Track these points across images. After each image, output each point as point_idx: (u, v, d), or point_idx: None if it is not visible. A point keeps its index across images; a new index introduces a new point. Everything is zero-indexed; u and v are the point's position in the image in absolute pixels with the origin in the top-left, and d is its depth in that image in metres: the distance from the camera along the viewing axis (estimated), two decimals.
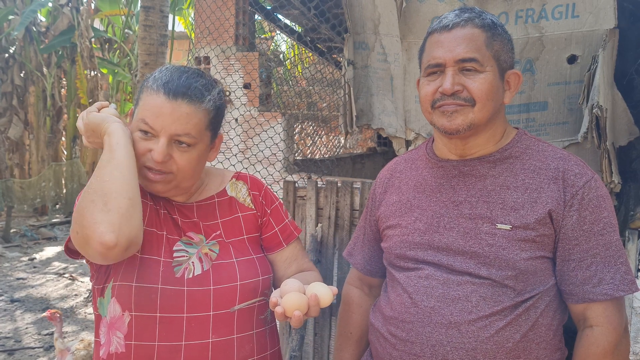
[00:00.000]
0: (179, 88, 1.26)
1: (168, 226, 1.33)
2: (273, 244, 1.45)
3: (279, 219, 1.47)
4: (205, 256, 1.32)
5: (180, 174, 1.29)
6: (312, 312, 1.20)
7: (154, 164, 1.26)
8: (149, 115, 1.25)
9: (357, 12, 3.10)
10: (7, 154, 10.37)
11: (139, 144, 1.27)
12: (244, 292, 1.31)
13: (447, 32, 1.29)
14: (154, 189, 1.30)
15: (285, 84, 6.43)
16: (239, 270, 1.32)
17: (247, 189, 1.46)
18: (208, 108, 1.30)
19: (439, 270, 1.30)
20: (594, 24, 2.46)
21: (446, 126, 1.30)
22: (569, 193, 1.26)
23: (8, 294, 5.66)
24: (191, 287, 1.27)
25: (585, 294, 1.25)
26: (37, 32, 10.28)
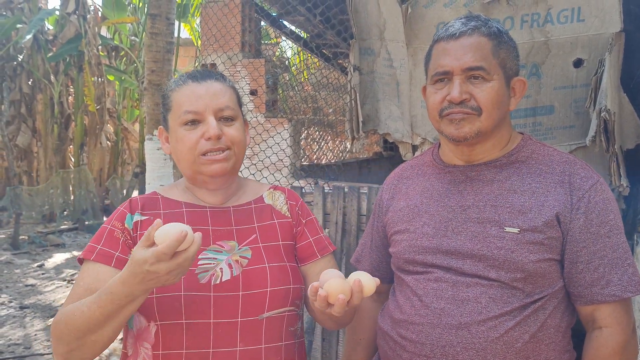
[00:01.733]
0: (202, 73, 1.36)
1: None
2: (307, 254, 1.44)
3: (314, 230, 1.47)
4: (235, 263, 1.31)
5: (236, 146, 1.33)
6: (355, 299, 1.15)
7: (210, 144, 1.29)
8: (188, 102, 1.31)
9: (362, 18, 3.11)
10: (16, 162, 10.45)
11: (187, 137, 1.30)
12: (273, 299, 1.29)
13: (454, 41, 1.30)
14: (216, 170, 1.30)
15: (291, 89, 6.45)
16: (270, 275, 1.31)
17: (285, 198, 1.48)
18: (232, 86, 1.40)
19: (448, 273, 1.31)
20: (600, 27, 2.46)
21: (454, 134, 1.31)
22: (576, 196, 1.27)
23: (17, 301, 5.70)
24: (218, 293, 1.26)
25: (594, 296, 1.26)
26: (45, 40, 10.37)
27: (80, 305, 1.16)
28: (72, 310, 1.17)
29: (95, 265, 1.27)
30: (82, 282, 1.26)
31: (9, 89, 10.15)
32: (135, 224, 1.32)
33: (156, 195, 1.41)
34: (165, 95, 1.38)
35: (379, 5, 2.98)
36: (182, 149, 1.32)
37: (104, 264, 1.27)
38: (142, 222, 1.33)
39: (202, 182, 1.36)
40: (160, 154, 3.29)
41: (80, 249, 8.21)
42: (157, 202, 1.38)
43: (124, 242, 1.30)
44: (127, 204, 1.37)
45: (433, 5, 2.76)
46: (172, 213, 1.36)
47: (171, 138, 1.37)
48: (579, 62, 2.54)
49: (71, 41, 9.94)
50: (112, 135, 11.38)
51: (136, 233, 1.32)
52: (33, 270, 7.01)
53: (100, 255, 1.28)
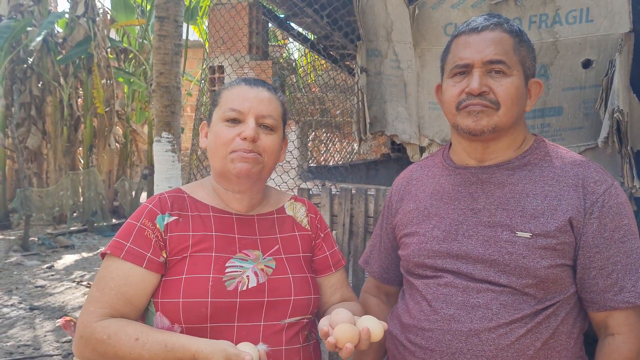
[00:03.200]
0: (256, 80, 1.41)
1: (220, 246, 1.33)
2: (323, 267, 1.48)
3: (330, 244, 1.51)
4: (261, 271, 1.33)
5: (267, 155, 1.35)
6: (362, 345, 1.20)
7: (244, 145, 1.31)
8: (235, 100, 1.35)
9: (369, 19, 3.11)
10: (26, 164, 10.53)
11: (224, 133, 1.33)
12: (296, 307, 1.33)
13: (476, 34, 1.30)
14: (241, 169, 1.32)
15: (298, 91, 6.45)
16: (294, 285, 1.35)
17: (305, 211, 1.51)
18: (281, 100, 1.43)
19: (458, 278, 1.30)
20: (609, 28, 2.44)
21: (471, 127, 1.29)
22: (589, 200, 1.25)
23: (27, 302, 5.73)
24: (244, 299, 1.28)
25: (607, 302, 1.24)
26: (55, 43, 10.44)
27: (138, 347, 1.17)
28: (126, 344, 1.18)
29: (125, 264, 1.27)
30: (113, 284, 1.26)
31: (19, 92, 10.23)
32: (166, 225, 1.32)
33: (183, 194, 1.41)
34: (217, 93, 1.42)
35: (386, 6, 2.98)
36: (217, 143, 1.34)
37: (135, 265, 1.26)
38: (170, 223, 1.33)
39: (228, 181, 1.37)
40: (169, 156, 3.30)
41: (90, 250, 8.25)
42: (185, 202, 1.39)
43: (155, 243, 1.30)
44: (157, 202, 1.36)
45: (440, 6, 2.75)
46: (199, 216, 1.36)
47: (210, 132, 1.39)
48: (587, 62, 2.52)
49: (80, 44, 10.00)
50: (121, 137, 11.43)
51: (167, 235, 1.31)
52: (43, 271, 7.05)
53: (130, 254, 1.27)
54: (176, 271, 1.29)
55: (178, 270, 1.28)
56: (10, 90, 10.14)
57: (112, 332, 1.20)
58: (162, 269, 1.30)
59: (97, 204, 9.89)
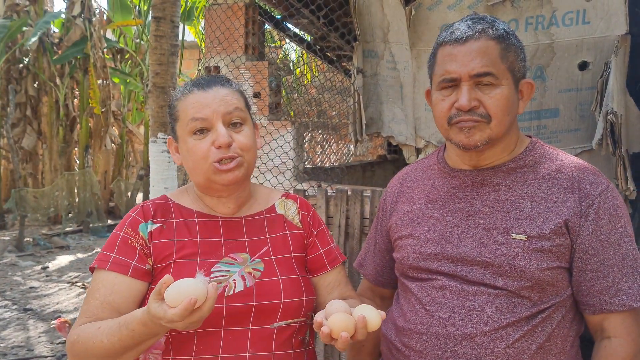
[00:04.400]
0: (207, 80, 1.34)
1: (205, 251, 1.31)
2: (317, 266, 1.44)
3: (325, 241, 1.47)
4: (248, 275, 1.30)
5: (247, 153, 1.31)
6: (359, 334, 1.15)
7: (221, 153, 1.27)
8: (195, 110, 1.29)
9: (366, 20, 3.10)
10: (21, 164, 10.49)
11: (197, 147, 1.28)
12: (286, 311, 1.30)
13: (460, 45, 1.25)
14: (228, 179, 1.29)
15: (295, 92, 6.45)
16: (284, 288, 1.31)
17: (297, 208, 1.47)
18: (239, 90, 1.38)
19: (453, 280, 1.29)
20: (605, 30, 2.44)
21: (464, 142, 1.28)
22: (585, 202, 1.24)
23: (21, 303, 5.70)
24: (231, 304, 1.25)
25: (603, 305, 1.24)
26: (50, 43, 10.42)
27: (99, 334, 1.16)
28: (90, 336, 1.18)
29: (110, 275, 1.26)
30: (98, 294, 1.25)
31: (14, 92, 10.19)
32: (150, 233, 1.31)
33: (167, 201, 1.39)
34: (172, 106, 1.37)
35: (382, 7, 2.97)
36: (195, 159, 1.30)
37: (120, 274, 1.26)
38: (154, 231, 1.32)
39: (215, 190, 1.34)
40: (165, 157, 3.29)
41: (85, 251, 8.23)
42: (169, 209, 1.37)
43: (140, 251, 1.29)
44: (140, 211, 1.35)
45: (437, 7, 2.74)
46: (184, 222, 1.34)
47: (181, 148, 1.35)
48: (584, 64, 2.52)
49: (77, 44, 9.98)
50: (117, 138, 11.40)
51: (151, 243, 1.30)
52: (37, 272, 7.02)
53: (115, 264, 1.27)
54: (160, 279, 1.26)
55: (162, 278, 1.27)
56: (6, 90, 10.11)
57: (81, 330, 1.20)
58: (148, 276, 1.29)
59: (92, 205, 9.87)
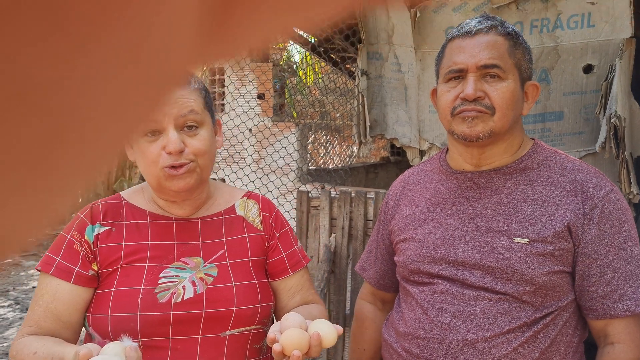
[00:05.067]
0: None
1: (155, 256, 1.25)
2: (278, 270, 1.37)
3: (288, 244, 1.40)
4: (199, 280, 1.24)
5: (200, 158, 1.23)
6: (313, 352, 1.10)
7: (172, 159, 1.20)
8: None
9: (370, 22, 3.10)
10: None
11: (148, 150, 1.20)
12: (239, 318, 1.23)
13: (469, 38, 1.27)
14: (179, 186, 1.22)
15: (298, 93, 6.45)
16: (237, 295, 1.25)
17: (258, 209, 1.39)
18: (198, 88, 1.28)
19: (454, 285, 1.28)
20: (610, 33, 2.44)
21: (466, 133, 1.27)
22: (588, 206, 1.23)
23: (24, 303, 5.72)
24: (178, 312, 1.19)
25: (606, 310, 1.22)
26: None
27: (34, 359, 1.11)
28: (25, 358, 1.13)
29: (54, 280, 1.21)
30: (42, 301, 1.21)
31: None
32: (96, 237, 1.25)
33: (120, 201, 1.32)
34: None
35: (387, 9, 2.97)
36: (145, 162, 1.22)
37: (63, 280, 1.21)
38: (101, 234, 1.25)
39: (167, 194, 1.27)
40: None
41: None
42: (121, 210, 1.30)
43: (84, 256, 1.23)
44: (89, 212, 1.28)
45: (442, 10, 2.75)
46: (135, 224, 1.28)
47: (133, 146, 1.26)
48: (589, 68, 2.52)
49: None
50: None
51: (97, 247, 1.24)
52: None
53: (58, 269, 1.22)
54: (107, 284, 1.22)
55: (109, 283, 1.22)
56: None
57: (20, 348, 1.15)
58: (92, 282, 1.23)
59: None
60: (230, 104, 3.55)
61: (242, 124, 3.53)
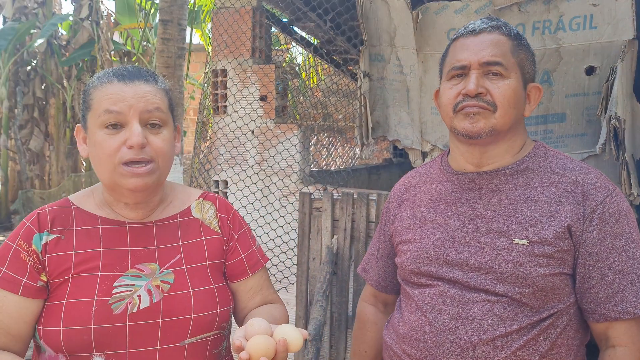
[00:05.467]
0: (131, 72, 1.20)
1: (108, 263, 1.19)
2: (237, 272, 1.33)
3: (246, 245, 1.36)
4: (155, 288, 1.18)
5: (161, 159, 1.19)
6: (280, 358, 1.07)
7: (133, 154, 1.14)
8: (110, 101, 1.15)
9: (373, 24, 3.11)
10: (28, 165, 10.55)
11: (107, 143, 1.14)
12: (198, 326, 1.19)
13: (473, 37, 1.30)
14: (136, 184, 1.16)
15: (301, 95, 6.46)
16: (195, 301, 1.20)
17: (215, 211, 1.35)
18: (164, 88, 1.24)
19: (454, 287, 1.27)
20: (613, 34, 2.44)
21: (468, 129, 1.27)
22: (589, 207, 1.23)
23: None
24: (135, 322, 1.14)
25: (607, 313, 1.21)
26: (58, 45, 10.49)
27: None
28: None
29: (0, 292, 1.14)
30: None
31: (22, 94, 10.27)
32: (44, 245, 1.18)
33: (69, 206, 1.25)
34: (86, 92, 1.21)
35: (389, 11, 2.98)
36: (101, 156, 1.16)
37: (9, 292, 1.14)
38: (50, 243, 1.19)
39: (120, 194, 1.22)
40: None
41: None
42: (70, 215, 1.23)
43: (31, 267, 1.16)
44: (35, 219, 1.21)
45: (444, 11, 2.75)
46: (86, 230, 1.21)
47: (89, 140, 1.20)
48: (591, 69, 2.52)
49: (84, 46, 10.04)
50: None
51: (45, 257, 1.17)
52: None
53: (4, 280, 1.15)
54: (57, 295, 1.15)
55: (59, 294, 1.15)
56: (14, 92, 10.19)
57: None
58: (42, 294, 1.16)
59: None
60: (233, 105, 3.56)
61: (245, 125, 3.54)
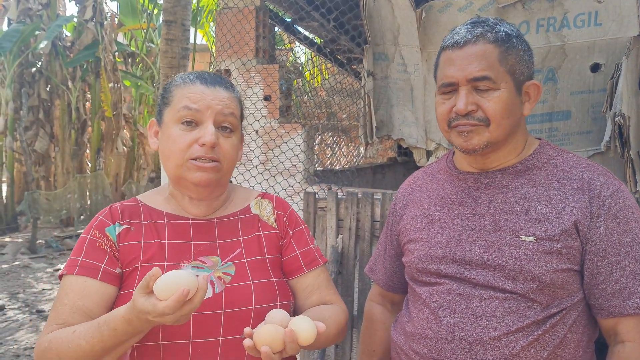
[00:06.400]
0: (213, 78, 1.29)
1: (173, 255, 1.26)
2: (293, 268, 1.37)
3: (303, 242, 1.40)
4: (217, 279, 1.22)
5: (226, 162, 1.27)
6: (289, 349, 1.08)
7: (203, 151, 1.22)
8: (191, 100, 1.24)
9: (376, 23, 3.10)
10: (34, 167, 10.60)
11: (182, 138, 1.23)
12: (259, 317, 1.21)
13: (458, 50, 1.26)
14: (199, 178, 1.23)
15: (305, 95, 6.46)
16: (255, 293, 1.24)
17: (272, 208, 1.41)
18: (239, 97, 1.33)
19: (461, 284, 1.28)
20: (618, 31, 2.43)
21: (463, 146, 1.29)
22: (595, 204, 1.23)
23: (34, 305, 5.75)
24: (198, 312, 1.17)
25: (615, 308, 1.21)
26: (63, 46, 10.54)
27: (76, 338, 1.09)
28: (65, 341, 1.11)
29: (79, 279, 1.19)
30: (67, 300, 1.19)
31: (27, 95, 10.31)
32: (117, 235, 1.25)
33: (137, 203, 1.34)
34: (167, 89, 1.30)
35: (393, 10, 2.97)
36: (173, 149, 1.24)
37: (90, 277, 1.20)
38: (122, 233, 1.26)
39: (184, 187, 1.29)
40: None
41: None
42: (138, 211, 1.31)
43: (110, 254, 1.23)
44: (108, 213, 1.30)
45: (447, 10, 2.74)
46: (153, 224, 1.29)
47: (162, 134, 1.29)
48: (596, 66, 2.51)
49: (88, 47, 10.08)
50: (128, 141, 11.49)
51: (120, 245, 1.25)
52: (49, 274, 7.08)
53: (83, 267, 1.20)
54: (128, 285, 1.22)
55: (130, 283, 1.21)
56: (19, 93, 10.23)
57: (52, 336, 1.13)
58: (117, 281, 1.23)
59: (104, 207, 9.94)
60: None
61: (249, 125, 3.54)
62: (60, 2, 11.17)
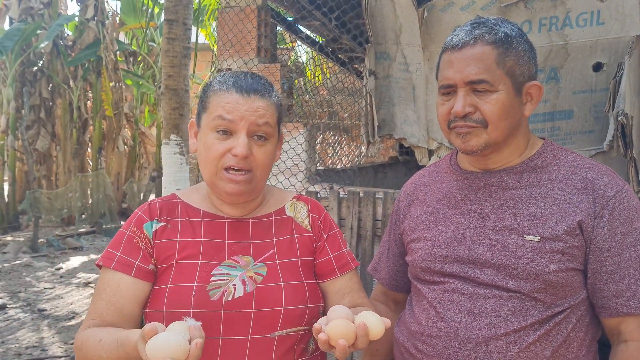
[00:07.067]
0: (249, 85, 1.29)
1: (208, 253, 1.29)
2: (326, 271, 1.38)
3: (336, 246, 1.41)
4: (249, 279, 1.25)
5: (259, 171, 1.28)
6: (360, 343, 1.09)
7: (235, 161, 1.24)
8: (226, 110, 1.25)
9: (378, 22, 3.10)
10: (35, 166, 10.61)
11: (216, 146, 1.25)
12: (288, 318, 1.24)
13: (457, 52, 1.26)
14: (232, 189, 1.26)
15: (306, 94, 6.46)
16: (285, 294, 1.26)
17: (307, 211, 1.42)
18: (276, 103, 1.33)
19: (465, 283, 1.28)
20: (620, 31, 2.42)
21: (461, 147, 1.30)
22: (599, 203, 1.23)
23: (35, 304, 5.76)
24: (230, 310, 1.21)
25: (619, 308, 1.22)
26: (64, 45, 10.54)
27: (99, 349, 1.14)
28: (92, 347, 1.16)
29: (116, 274, 1.26)
30: (104, 294, 1.25)
31: (29, 94, 10.32)
32: (154, 232, 1.30)
33: (175, 200, 1.38)
34: (206, 93, 1.32)
35: (395, 9, 2.97)
36: (207, 156, 1.27)
37: (124, 274, 1.25)
38: (158, 230, 1.31)
39: (218, 194, 1.32)
40: (177, 159, 3.31)
41: (98, 252, 8.29)
42: (176, 208, 1.35)
43: (145, 251, 1.28)
44: (147, 209, 1.34)
45: (449, 9, 2.74)
46: (189, 221, 1.33)
47: (200, 137, 1.32)
48: (598, 66, 2.50)
49: (90, 46, 10.08)
50: (130, 140, 11.50)
51: (155, 242, 1.29)
52: (51, 273, 7.09)
53: (120, 263, 1.26)
54: (163, 280, 1.26)
55: (164, 279, 1.26)
56: (21, 92, 10.25)
57: (85, 338, 1.18)
58: (151, 277, 1.27)
59: (105, 206, 9.95)
60: None
61: None
62: (62, 1, 11.17)
